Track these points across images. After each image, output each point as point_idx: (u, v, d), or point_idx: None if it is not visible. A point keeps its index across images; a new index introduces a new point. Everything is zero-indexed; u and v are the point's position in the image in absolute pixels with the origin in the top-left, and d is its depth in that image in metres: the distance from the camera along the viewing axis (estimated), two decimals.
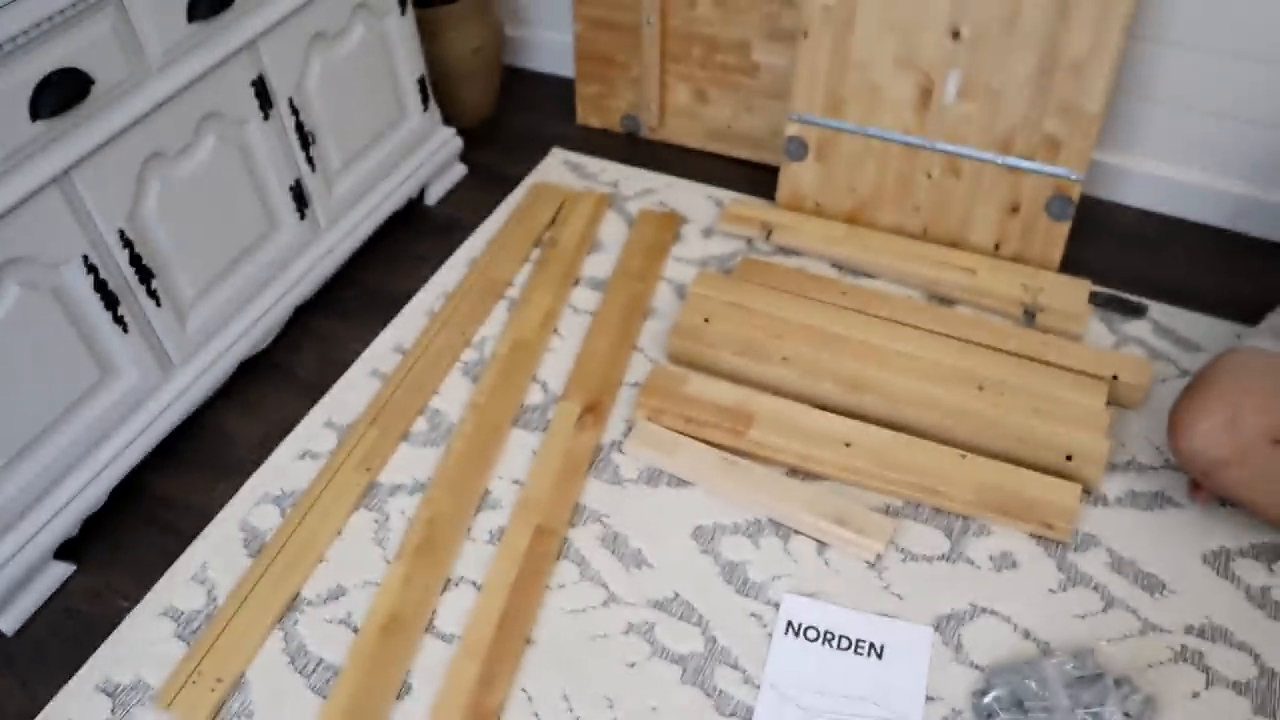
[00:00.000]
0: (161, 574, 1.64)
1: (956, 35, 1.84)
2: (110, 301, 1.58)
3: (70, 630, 1.59)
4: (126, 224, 1.57)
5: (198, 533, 1.69)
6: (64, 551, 1.66)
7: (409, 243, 2.18)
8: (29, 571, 1.59)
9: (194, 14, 1.56)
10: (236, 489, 1.75)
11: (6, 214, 1.39)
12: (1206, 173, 2.04)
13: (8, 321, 1.44)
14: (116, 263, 1.58)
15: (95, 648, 1.55)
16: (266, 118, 1.76)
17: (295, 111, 1.81)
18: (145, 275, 1.63)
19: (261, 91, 1.73)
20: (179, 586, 1.62)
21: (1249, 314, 1.83)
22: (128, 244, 1.58)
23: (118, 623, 1.58)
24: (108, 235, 1.55)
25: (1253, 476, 1.47)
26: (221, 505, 1.73)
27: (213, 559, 1.65)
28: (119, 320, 1.61)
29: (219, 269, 1.77)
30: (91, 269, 1.53)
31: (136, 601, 1.61)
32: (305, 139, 1.85)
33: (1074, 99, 1.81)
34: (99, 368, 1.61)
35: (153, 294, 1.65)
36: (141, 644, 1.55)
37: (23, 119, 1.38)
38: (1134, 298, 1.93)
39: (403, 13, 1.97)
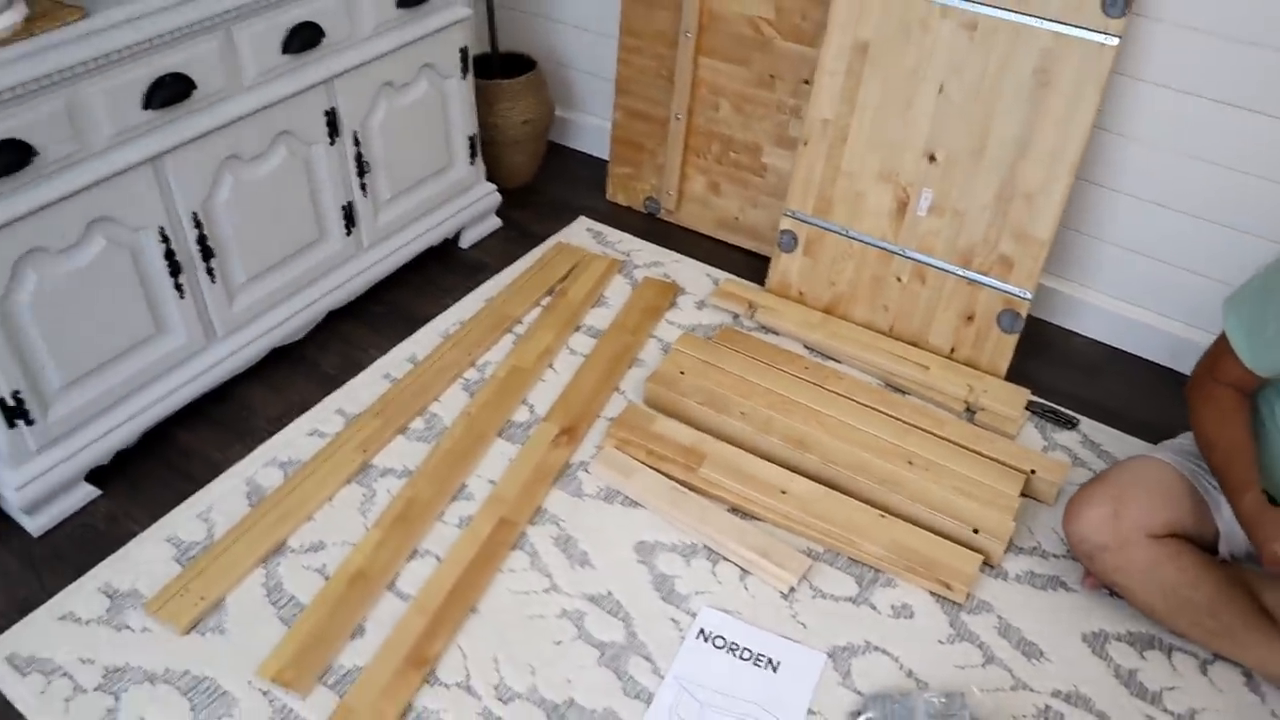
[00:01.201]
0: (171, 509, 1.89)
1: (932, 158, 2.12)
2: (174, 269, 1.87)
3: (85, 542, 1.84)
4: (200, 208, 1.88)
5: (208, 481, 1.94)
6: (93, 477, 1.92)
7: (438, 275, 2.47)
8: (62, 486, 1.85)
9: (287, 48, 1.89)
10: (249, 451, 2.00)
11: (109, 179, 1.70)
12: (1149, 312, 2.27)
13: (91, 266, 1.74)
14: (185, 238, 1.87)
15: (103, 559, 1.80)
16: (332, 143, 2.07)
17: (357, 143, 2.12)
18: (207, 254, 1.92)
19: (332, 121, 2.05)
20: (184, 521, 1.87)
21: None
22: (198, 225, 1.88)
23: (126, 542, 1.83)
24: (183, 214, 1.85)
25: (1129, 564, 1.65)
26: (234, 462, 1.98)
27: (217, 503, 1.90)
28: (178, 287, 1.89)
29: (269, 263, 2.06)
30: (165, 239, 1.83)
31: (145, 528, 1.86)
32: (362, 167, 2.15)
33: (1027, 225, 2.06)
34: (154, 323, 1.89)
35: (210, 271, 1.94)
36: (143, 561, 1.80)
37: (136, 106, 1.70)
38: (1068, 411, 2.13)
39: (463, 77, 2.30)
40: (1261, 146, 1.97)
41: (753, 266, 2.52)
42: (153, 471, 1.98)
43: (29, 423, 1.76)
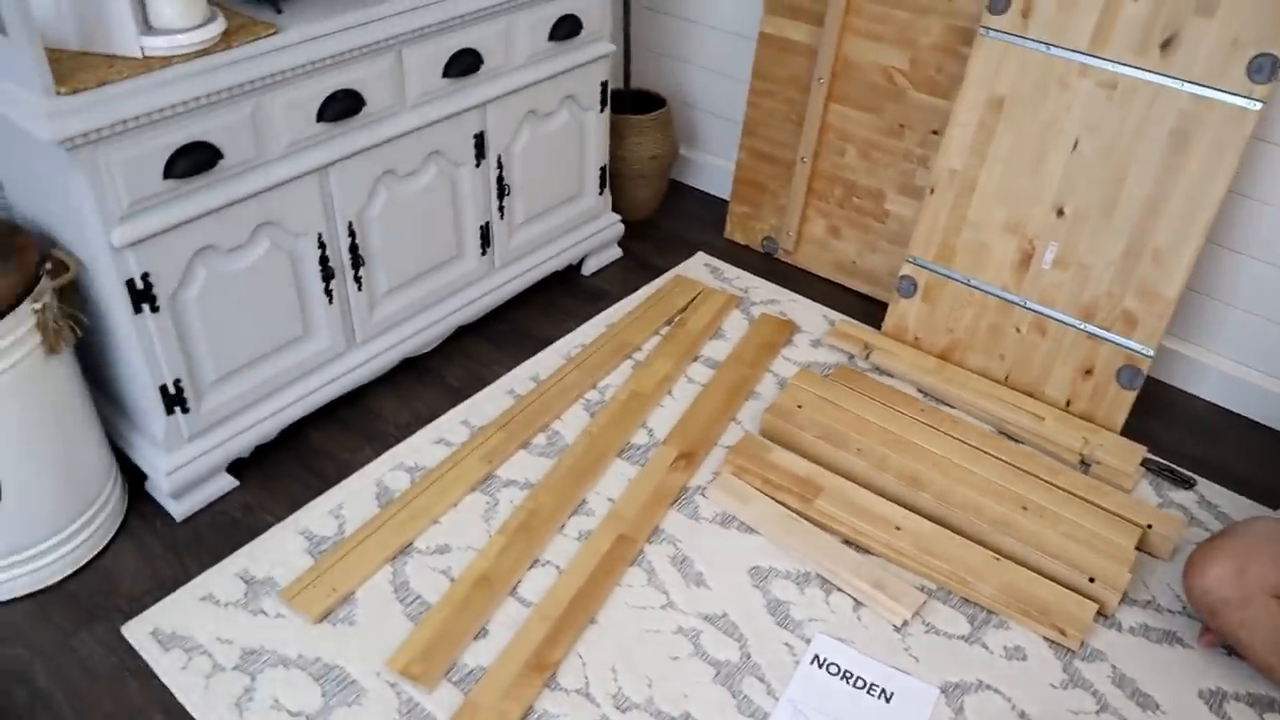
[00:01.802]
0: (304, 504, 1.98)
1: (1060, 212, 2.15)
2: (327, 275, 1.97)
3: (223, 529, 1.93)
4: (356, 219, 1.98)
5: (340, 480, 2.03)
6: (232, 468, 2.01)
7: (561, 299, 2.55)
8: (207, 474, 1.94)
9: (448, 71, 2.00)
10: (378, 454, 2.09)
11: (280, 185, 1.81)
12: (1271, 377, 2.26)
13: (254, 267, 1.84)
14: (340, 247, 1.98)
15: (240, 546, 1.89)
16: (478, 165, 2.17)
17: (500, 166, 2.22)
18: (357, 263, 2.02)
19: (480, 144, 2.15)
20: (317, 515, 1.95)
21: None
22: (352, 234, 1.98)
23: (261, 532, 1.92)
24: (340, 223, 1.96)
25: (1252, 621, 1.65)
26: (364, 464, 2.07)
27: (348, 501, 1.98)
28: (328, 292, 1.99)
29: (409, 275, 2.16)
30: (321, 245, 1.94)
31: (280, 520, 1.94)
32: (502, 190, 2.25)
33: (1153, 283, 2.08)
34: (303, 326, 1.99)
35: (358, 279, 2.04)
36: (278, 551, 1.88)
37: (311, 119, 1.81)
38: (1185, 471, 2.13)
39: (601, 110, 2.40)
40: None
41: (867, 310, 2.56)
42: (287, 467, 2.07)
43: (185, 411, 1.86)
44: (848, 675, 1.72)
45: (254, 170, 1.77)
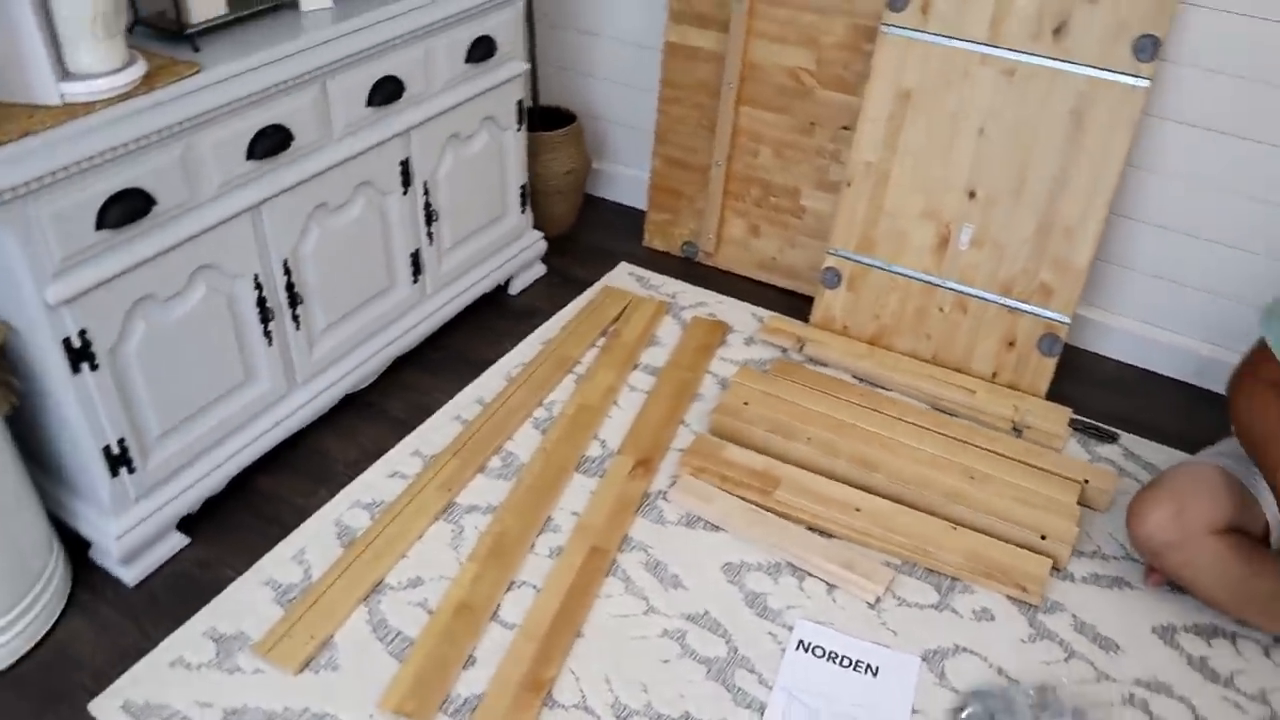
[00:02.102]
0: (264, 553, 1.92)
1: (973, 195, 2.26)
2: (265, 316, 1.92)
3: (182, 590, 1.86)
4: (290, 256, 1.94)
5: (297, 524, 1.98)
6: (182, 525, 1.94)
7: (493, 321, 2.54)
8: (157, 534, 1.87)
9: (372, 101, 1.98)
10: (333, 494, 2.04)
11: (214, 227, 1.76)
12: (1175, 334, 2.42)
13: (194, 313, 1.79)
14: (276, 286, 1.93)
15: (204, 605, 1.82)
16: (405, 193, 2.15)
17: (426, 192, 2.21)
18: (294, 301, 1.98)
19: (405, 172, 2.13)
20: (280, 563, 1.90)
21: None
22: (287, 272, 1.94)
23: (224, 587, 1.86)
24: (275, 262, 1.91)
25: (1194, 559, 1.77)
26: (320, 506, 2.02)
27: (310, 545, 1.93)
28: (267, 334, 1.95)
29: (345, 310, 2.12)
30: (258, 286, 1.89)
31: (241, 573, 1.88)
32: (430, 216, 2.23)
33: (1065, 255, 2.21)
34: (244, 370, 1.94)
35: (295, 318, 2.00)
36: (245, 604, 1.82)
37: (241, 157, 1.77)
38: (1108, 427, 2.26)
39: (519, 129, 2.41)
40: (1273, 175, 2.14)
41: (792, 305, 2.63)
42: (240, 518, 2.00)
43: (131, 470, 1.79)
44: (833, 656, 1.77)
45: (188, 214, 1.72)
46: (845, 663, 1.76)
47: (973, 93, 2.20)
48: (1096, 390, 2.41)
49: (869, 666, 1.76)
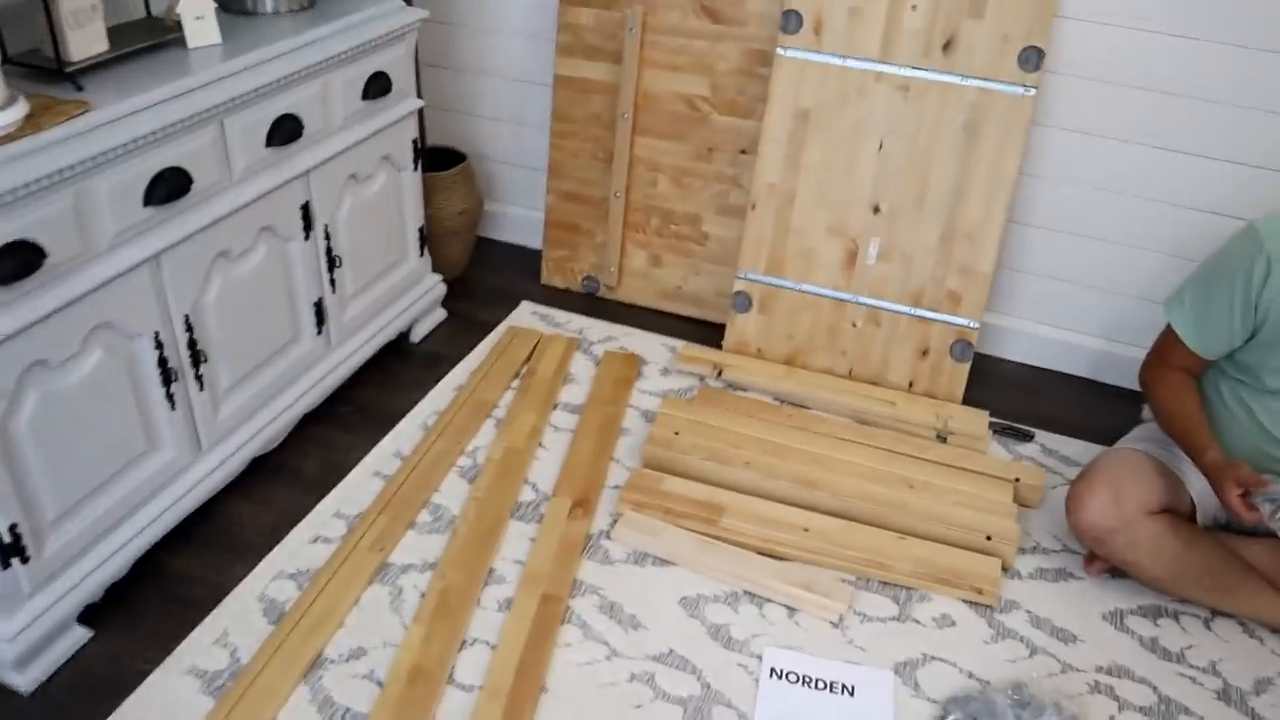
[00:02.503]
0: (182, 640, 1.73)
1: (876, 210, 2.30)
2: (167, 377, 1.76)
3: (88, 691, 1.66)
4: (191, 310, 1.78)
5: (215, 604, 1.80)
6: (83, 617, 1.73)
7: (399, 371, 2.41)
8: (54, 631, 1.66)
9: (271, 140, 1.85)
10: (251, 568, 1.87)
11: (111, 281, 1.60)
12: (1069, 331, 2.53)
13: (90, 378, 1.62)
14: (177, 343, 1.77)
15: (115, 707, 1.62)
16: (307, 238, 2.02)
17: (328, 237, 2.08)
18: (197, 359, 1.81)
19: (306, 215, 2.00)
20: (202, 650, 1.72)
21: (1116, 440, 2.24)
22: (189, 328, 1.78)
23: (137, 684, 1.66)
24: (176, 317, 1.75)
25: (1134, 542, 1.82)
26: (238, 581, 1.85)
27: (233, 625, 1.76)
28: (170, 397, 1.78)
29: (250, 367, 1.97)
30: (159, 345, 1.73)
31: (157, 664, 1.69)
32: (332, 262, 2.11)
33: (970, 261, 2.27)
34: (146, 438, 1.76)
35: (199, 378, 1.83)
36: (168, 700, 1.64)
37: (138, 203, 1.62)
38: (1024, 426, 2.33)
39: (415, 169, 2.31)
40: (1153, 174, 2.27)
41: (701, 332, 2.61)
42: (150, 603, 1.81)
43: (24, 560, 1.58)
44: (807, 680, 1.73)
45: (82, 267, 1.55)
46: (820, 685, 1.72)
47: (870, 109, 2.25)
48: (1006, 392, 2.48)
49: (845, 686, 1.72)
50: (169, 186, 1.66)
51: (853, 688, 1.72)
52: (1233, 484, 1.69)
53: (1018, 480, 2.11)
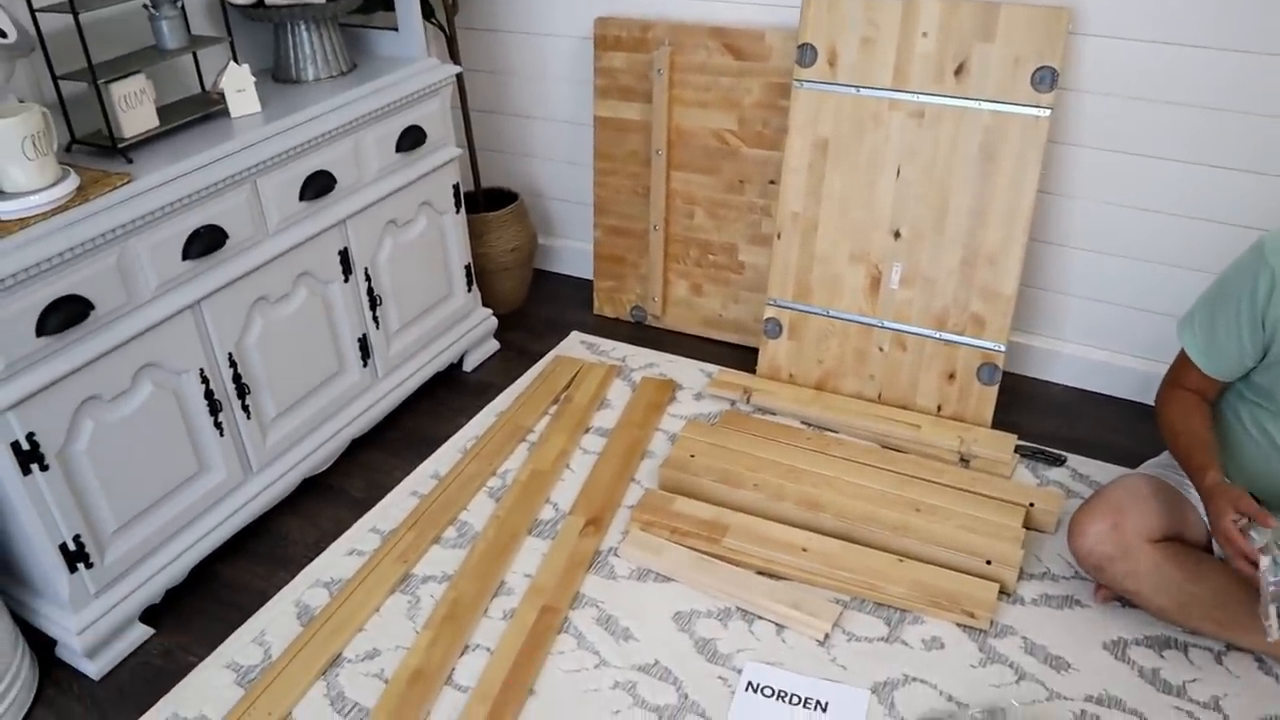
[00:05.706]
0: (226, 638, 1.96)
1: (897, 235, 2.33)
2: (214, 408, 1.99)
3: (146, 679, 1.90)
4: (234, 349, 2.02)
5: (258, 608, 2.02)
6: (146, 616, 1.99)
7: (448, 399, 2.61)
8: (120, 627, 1.92)
9: (304, 195, 2.07)
10: (293, 576, 2.09)
11: (155, 327, 1.84)
12: (1113, 352, 2.47)
13: (142, 410, 1.86)
14: (223, 378, 2.01)
15: (166, 692, 1.86)
16: (346, 280, 2.23)
17: (368, 278, 2.29)
18: (242, 392, 2.05)
19: (345, 260, 2.22)
20: (241, 647, 1.94)
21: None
22: (233, 364, 2.02)
23: (185, 674, 1.90)
24: (219, 356, 1.99)
25: (1136, 570, 1.79)
26: (280, 588, 2.06)
27: (270, 627, 1.98)
28: (218, 425, 2.01)
29: (296, 397, 2.19)
30: (204, 380, 1.96)
31: (203, 658, 1.93)
32: (374, 301, 2.32)
33: (992, 284, 2.26)
34: (197, 461, 2.00)
35: (245, 408, 2.07)
36: (206, 688, 1.86)
37: (176, 258, 1.86)
38: (1054, 450, 2.29)
39: (457, 212, 2.51)
40: (1195, 191, 2.21)
41: (740, 357, 2.69)
42: (202, 606, 2.05)
43: (89, 566, 1.84)
44: (782, 694, 1.79)
45: (127, 315, 1.80)
46: (794, 700, 1.78)
47: (886, 137, 2.29)
48: (1043, 415, 2.44)
49: (818, 703, 1.77)
50: (205, 242, 1.89)
51: (826, 704, 1.77)
52: (1230, 509, 1.64)
53: (1032, 505, 2.09)
